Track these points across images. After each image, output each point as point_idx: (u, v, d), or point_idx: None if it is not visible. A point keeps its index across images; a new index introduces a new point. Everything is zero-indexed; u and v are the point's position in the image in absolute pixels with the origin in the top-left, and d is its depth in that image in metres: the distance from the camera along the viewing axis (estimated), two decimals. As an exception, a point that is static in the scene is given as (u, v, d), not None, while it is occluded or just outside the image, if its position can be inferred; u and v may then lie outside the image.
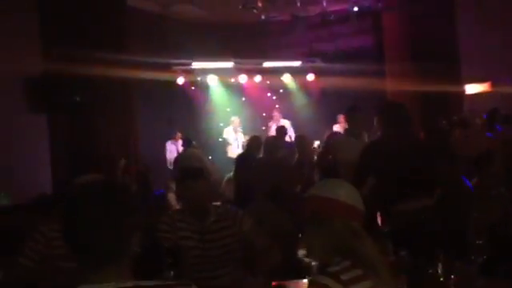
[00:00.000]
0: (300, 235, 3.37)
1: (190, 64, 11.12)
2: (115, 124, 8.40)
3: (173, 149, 10.27)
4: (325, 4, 10.22)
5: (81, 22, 8.14)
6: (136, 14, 9.89)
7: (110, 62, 8.23)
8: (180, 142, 10.08)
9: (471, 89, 10.02)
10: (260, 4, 9.84)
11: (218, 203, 3.80)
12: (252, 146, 6.77)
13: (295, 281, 3.03)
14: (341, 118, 9.77)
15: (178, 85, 11.11)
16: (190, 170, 3.17)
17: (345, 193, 1.91)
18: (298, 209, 2.11)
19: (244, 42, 11.53)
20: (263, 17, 10.39)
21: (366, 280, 1.76)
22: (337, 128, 9.68)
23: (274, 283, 2.78)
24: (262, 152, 6.41)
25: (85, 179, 2.95)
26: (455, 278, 2.51)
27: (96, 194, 1.40)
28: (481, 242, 2.76)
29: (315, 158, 6.91)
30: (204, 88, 11.65)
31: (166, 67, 10.57)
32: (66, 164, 7.56)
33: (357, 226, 1.88)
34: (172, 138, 10.44)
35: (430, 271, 2.52)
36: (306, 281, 2.88)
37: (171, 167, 9.27)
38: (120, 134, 8.45)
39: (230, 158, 9.24)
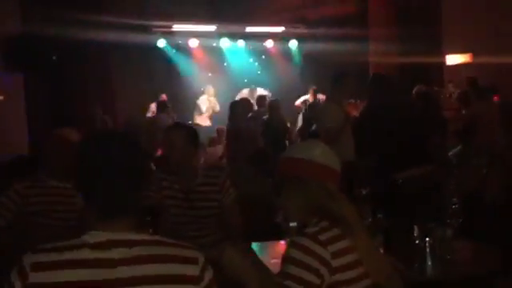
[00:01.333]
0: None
1: (171, 26, 10.91)
2: (92, 84, 8.30)
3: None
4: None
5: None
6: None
7: (89, 23, 8.09)
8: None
9: (452, 59, 10.05)
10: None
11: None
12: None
13: (274, 242, 3.07)
14: (310, 89, 9.85)
15: (158, 47, 10.93)
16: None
17: (319, 153, 1.89)
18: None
19: (227, 6, 11.34)
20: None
21: (343, 239, 1.77)
22: (305, 98, 9.76)
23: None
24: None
25: (63, 131, 2.93)
26: (430, 240, 2.56)
27: (111, 142, 1.41)
28: (457, 206, 2.81)
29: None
30: (185, 51, 11.48)
31: (147, 29, 10.37)
32: (42, 124, 7.45)
33: (332, 186, 1.87)
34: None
35: (406, 233, 2.56)
36: (283, 242, 2.92)
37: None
38: (97, 94, 8.36)
39: (197, 125, 9.13)
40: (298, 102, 9.98)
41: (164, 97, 9.93)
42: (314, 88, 9.79)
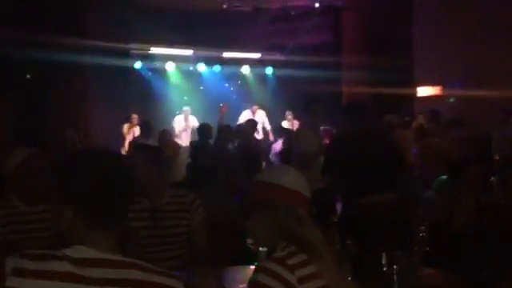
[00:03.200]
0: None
1: (149, 49, 10.96)
2: (65, 104, 8.23)
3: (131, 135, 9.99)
4: (287, -2, 10.30)
5: (37, 2, 7.96)
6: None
7: (66, 43, 8.07)
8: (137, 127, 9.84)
9: (423, 91, 10.31)
10: (223, -7, 9.82)
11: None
12: (203, 132, 6.85)
13: (243, 266, 3.05)
14: (289, 115, 9.95)
15: (135, 69, 10.93)
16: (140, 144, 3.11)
17: (290, 179, 1.91)
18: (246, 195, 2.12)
19: (204, 31, 11.44)
20: (225, 6, 10.35)
21: (310, 264, 1.78)
22: (285, 124, 9.79)
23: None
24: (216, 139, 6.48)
25: (30, 156, 2.87)
26: (398, 268, 2.58)
27: (98, 157, 1.46)
28: (424, 234, 2.85)
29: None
30: (162, 74, 11.50)
31: (124, 51, 10.38)
32: (13, 142, 7.32)
33: (301, 212, 1.88)
34: (128, 121, 10.13)
35: (374, 260, 2.58)
36: (253, 267, 2.91)
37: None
38: (70, 114, 8.29)
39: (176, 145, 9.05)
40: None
41: (135, 118, 9.90)
42: (290, 114, 9.88)
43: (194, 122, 10.21)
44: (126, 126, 10.02)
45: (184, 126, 10.32)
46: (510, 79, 8.56)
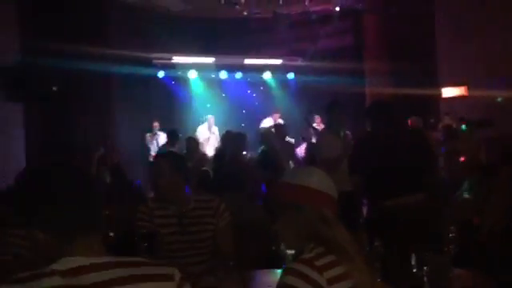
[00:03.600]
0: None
1: (171, 58, 11.06)
2: (92, 115, 8.34)
3: (154, 144, 10.09)
4: (307, 3, 10.28)
5: (61, 13, 8.09)
6: (118, 6, 9.82)
7: (90, 53, 8.19)
8: (159, 133, 9.92)
9: (447, 92, 10.17)
10: (243, 0, 9.85)
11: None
12: (226, 141, 6.81)
13: (271, 270, 3.04)
14: (317, 118, 9.86)
15: (158, 78, 11.04)
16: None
17: (316, 180, 1.89)
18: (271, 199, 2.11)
19: (225, 38, 11.52)
20: (245, 13, 10.40)
21: (339, 265, 1.76)
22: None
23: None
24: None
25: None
26: (428, 269, 2.55)
27: (56, 171, 1.44)
28: (453, 235, 2.81)
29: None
30: (184, 83, 11.59)
31: (147, 60, 10.50)
32: (40, 153, 7.46)
33: (328, 212, 1.86)
34: (150, 130, 10.20)
35: (404, 262, 2.55)
36: (280, 270, 2.90)
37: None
38: (97, 125, 8.39)
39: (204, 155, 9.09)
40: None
41: (157, 126, 9.99)
42: (318, 118, 9.76)
43: (217, 131, 10.27)
44: (148, 135, 10.13)
45: (208, 134, 10.34)
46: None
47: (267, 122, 10.16)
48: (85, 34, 8.20)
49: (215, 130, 10.35)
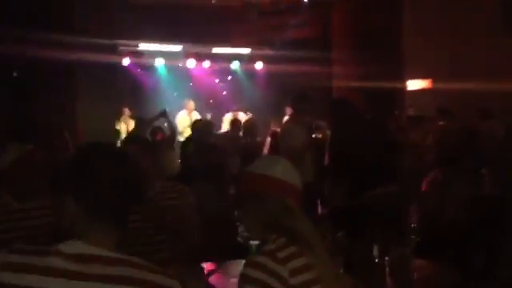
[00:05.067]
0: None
1: (137, 46, 10.88)
2: (54, 102, 8.17)
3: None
4: (276, -7, 10.27)
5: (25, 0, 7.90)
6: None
7: (53, 40, 8.01)
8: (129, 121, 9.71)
9: (413, 84, 10.32)
10: (212, -12, 9.76)
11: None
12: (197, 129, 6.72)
13: (235, 261, 3.02)
14: (289, 110, 9.77)
15: (123, 66, 10.85)
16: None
17: (280, 169, 1.87)
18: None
19: (194, 27, 11.37)
20: (214, 1, 10.29)
21: (301, 257, 1.75)
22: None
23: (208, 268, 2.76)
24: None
25: (26, 151, 2.83)
26: (389, 259, 2.58)
27: (105, 153, 1.45)
28: (415, 225, 2.86)
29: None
30: (151, 71, 11.43)
31: (112, 48, 10.28)
32: (3, 142, 7.25)
33: (291, 202, 1.85)
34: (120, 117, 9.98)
35: (365, 252, 2.58)
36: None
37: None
38: (58, 113, 8.23)
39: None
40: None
41: (127, 111, 9.83)
42: (289, 110, 9.67)
43: (198, 117, 9.56)
44: (118, 122, 9.96)
45: (189, 122, 9.28)
46: (495, 74, 8.57)
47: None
48: (48, 19, 7.99)
49: (196, 115, 9.73)
